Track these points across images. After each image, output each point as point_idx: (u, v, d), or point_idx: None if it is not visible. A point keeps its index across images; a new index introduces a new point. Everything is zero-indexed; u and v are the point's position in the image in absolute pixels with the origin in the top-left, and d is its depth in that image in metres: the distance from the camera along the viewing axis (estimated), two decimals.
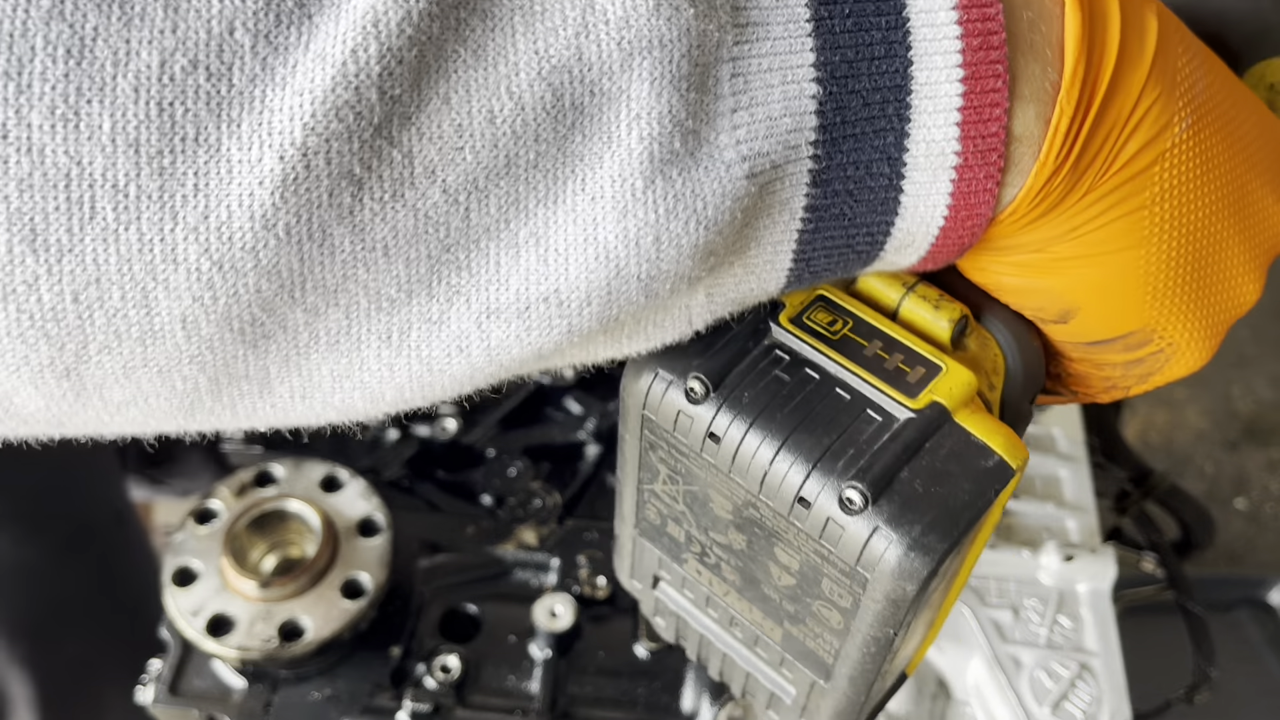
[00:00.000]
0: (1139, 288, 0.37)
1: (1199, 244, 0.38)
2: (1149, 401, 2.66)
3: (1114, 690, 0.65)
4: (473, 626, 0.76)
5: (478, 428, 0.87)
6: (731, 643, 0.46)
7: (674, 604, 0.47)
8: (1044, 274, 0.37)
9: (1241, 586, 1.89)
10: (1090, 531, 0.73)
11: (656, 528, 0.45)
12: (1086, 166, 0.34)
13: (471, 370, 0.34)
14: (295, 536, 0.75)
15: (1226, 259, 0.39)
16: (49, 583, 0.98)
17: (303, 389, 0.33)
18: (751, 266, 0.34)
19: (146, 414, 0.33)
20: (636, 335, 0.35)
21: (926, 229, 0.34)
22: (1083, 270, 0.37)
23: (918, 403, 0.36)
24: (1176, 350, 0.40)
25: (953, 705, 0.67)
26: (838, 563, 0.36)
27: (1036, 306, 0.39)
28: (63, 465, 0.97)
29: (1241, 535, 2.39)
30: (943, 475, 0.35)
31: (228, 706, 0.71)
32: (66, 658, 1.03)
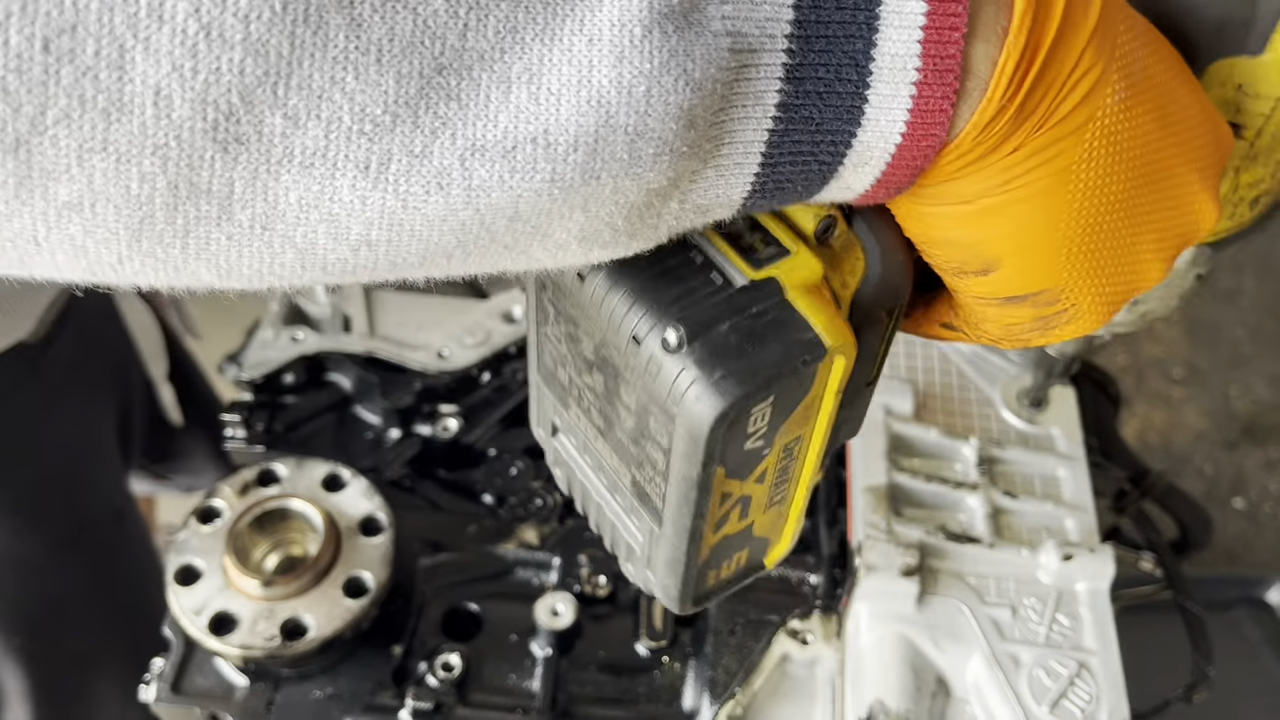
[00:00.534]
0: (1056, 247, 0.40)
1: (1116, 214, 0.40)
2: (1147, 401, 2.66)
3: (1112, 689, 0.66)
4: (474, 625, 0.76)
5: (479, 427, 0.87)
6: (601, 490, 0.49)
7: (565, 452, 0.51)
8: (973, 226, 0.40)
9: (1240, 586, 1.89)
10: (1089, 531, 0.73)
11: (551, 372, 0.48)
12: (1026, 117, 0.36)
13: (447, 212, 0.33)
14: (298, 535, 0.75)
15: (1139, 236, 0.41)
16: (47, 578, 0.98)
17: (265, 217, 0.32)
18: (722, 169, 0.35)
19: (88, 230, 0.31)
20: (614, 241, 0.36)
21: (885, 144, 0.36)
22: (1008, 225, 0.39)
23: (757, 274, 0.39)
24: (1079, 313, 0.43)
25: (952, 703, 0.67)
26: (658, 399, 0.39)
27: (961, 260, 0.41)
28: (63, 461, 0.97)
29: (1240, 535, 2.39)
30: (758, 336, 0.38)
31: (230, 705, 0.71)
32: (63, 652, 1.03)
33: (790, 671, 0.73)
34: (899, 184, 0.38)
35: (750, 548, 0.48)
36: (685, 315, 0.38)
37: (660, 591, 0.48)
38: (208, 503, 0.75)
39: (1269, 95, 0.46)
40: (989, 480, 0.75)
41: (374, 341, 0.90)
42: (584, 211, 0.34)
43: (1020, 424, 0.79)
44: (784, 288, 0.39)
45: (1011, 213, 0.39)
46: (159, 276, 0.33)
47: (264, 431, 0.87)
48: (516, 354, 0.92)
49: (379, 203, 0.32)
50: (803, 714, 0.71)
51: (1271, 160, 0.49)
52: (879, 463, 0.74)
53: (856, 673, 0.68)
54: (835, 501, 0.80)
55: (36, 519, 0.94)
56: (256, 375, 0.87)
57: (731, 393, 0.37)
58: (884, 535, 0.70)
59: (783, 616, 0.74)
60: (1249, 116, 0.47)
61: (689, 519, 0.42)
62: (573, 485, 0.53)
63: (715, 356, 0.38)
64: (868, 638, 0.68)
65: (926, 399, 0.80)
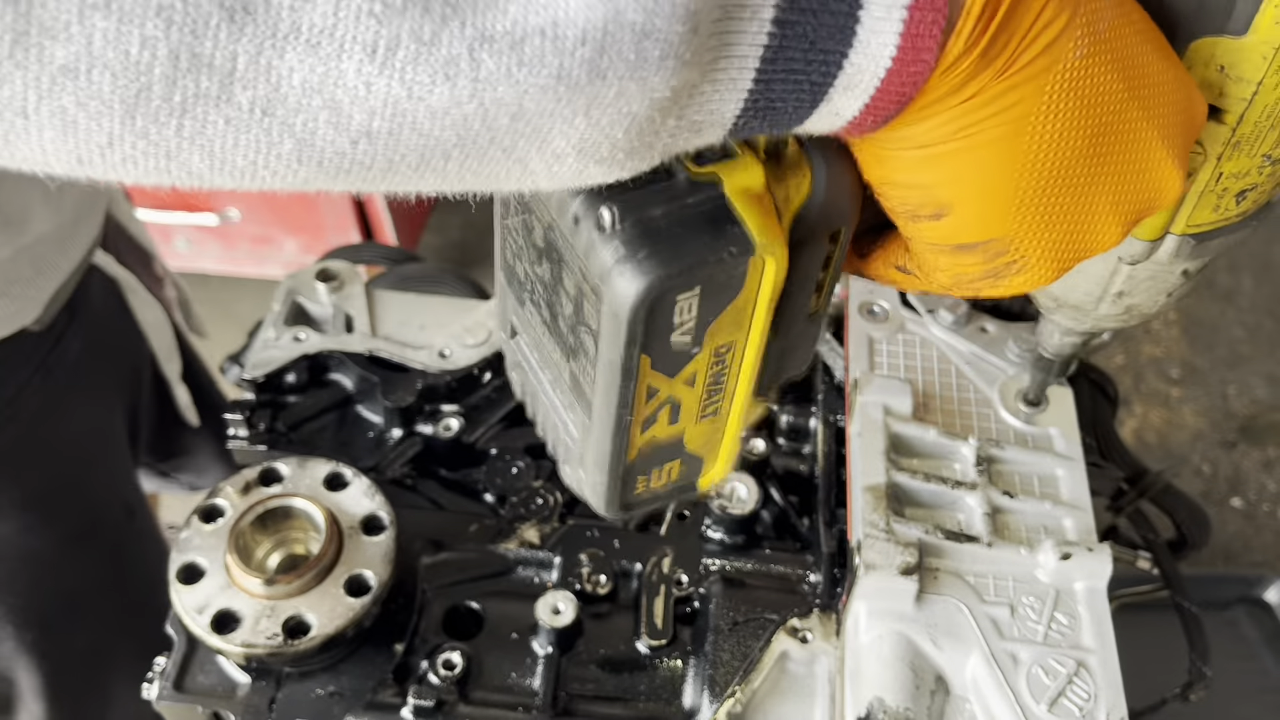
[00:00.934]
0: (1008, 195, 0.41)
1: (1071, 168, 0.41)
2: (1145, 401, 2.67)
3: (1110, 687, 0.66)
4: (475, 623, 0.76)
5: (480, 427, 0.88)
6: (548, 388, 0.50)
7: (519, 353, 0.52)
8: (928, 170, 0.41)
9: (1238, 585, 1.90)
10: (1087, 530, 0.73)
11: (510, 268, 0.50)
12: (990, 61, 0.37)
13: (452, 104, 0.32)
14: (300, 534, 0.76)
15: (1094, 193, 0.42)
16: (58, 573, 0.98)
17: (266, 100, 0.31)
18: (718, 82, 0.36)
19: (82, 101, 0.29)
20: (611, 158, 0.36)
21: (875, 67, 0.36)
22: (962, 171, 0.40)
23: (699, 171, 0.40)
24: (1027, 265, 0.43)
25: (951, 701, 0.67)
26: (590, 281, 0.40)
27: (916, 203, 0.42)
28: (73, 457, 0.97)
29: (1238, 534, 2.40)
30: (689, 225, 0.40)
31: (233, 703, 0.71)
32: (75, 648, 1.03)
33: (790, 669, 0.73)
34: (885, 113, 0.38)
35: (683, 461, 0.49)
36: (623, 199, 0.39)
37: (590, 491, 0.49)
38: (210, 501, 0.75)
39: (1251, 79, 0.45)
40: (987, 480, 0.75)
41: (376, 341, 0.91)
42: (586, 117, 0.34)
43: (1019, 424, 0.80)
44: (724, 186, 0.41)
45: (967, 159, 0.40)
46: (147, 164, 0.32)
47: (266, 431, 0.87)
48: None
49: (384, 90, 0.31)
50: (802, 712, 0.71)
51: (1257, 153, 0.48)
52: (878, 462, 0.74)
53: (856, 671, 0.68)
54: (835, 501, 0.80)
55: (48, 515, 0.94)
56: (258, 375, 0.88)
57: (653, 272, 0.38)
58: (883, 534, 0.70)
59: (782, 615, 0.75)
60: (1230, 100, 0.46)
61: (614, 407, 0.43)
62: (525, 388, 0.54)
63: (643, 238, 0.39)
64: (867, 636, 0.69)
65: (925, 399, 0.81)
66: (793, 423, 0.87)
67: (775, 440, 0.87)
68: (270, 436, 0.87)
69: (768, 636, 0.73)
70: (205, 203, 2.09)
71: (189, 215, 2.10)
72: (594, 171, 0.37)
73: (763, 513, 0.82)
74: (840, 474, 0.81)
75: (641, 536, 0.81)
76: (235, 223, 2.13)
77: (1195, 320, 2.88)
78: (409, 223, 2.30)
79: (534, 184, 0.37)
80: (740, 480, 0.80)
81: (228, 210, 2.11)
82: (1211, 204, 0.51)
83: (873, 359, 0.83)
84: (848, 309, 0.87)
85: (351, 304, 0.94)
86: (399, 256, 1.12)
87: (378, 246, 1.51)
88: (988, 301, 0.90)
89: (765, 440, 0.84)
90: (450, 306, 0.96)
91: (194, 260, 2.23)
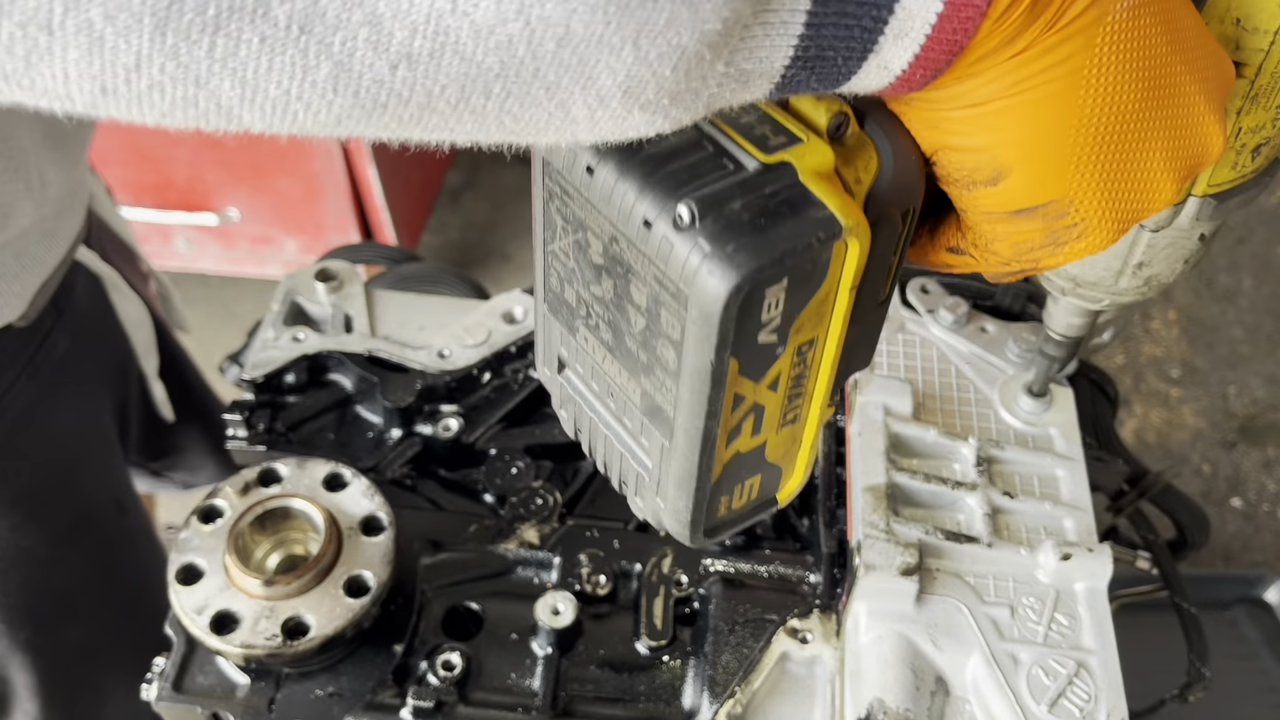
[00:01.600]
0: (1067, 153, 0.41)
1: (1126, 124, 0.41)
2: (1145, 401, 2.67)
3: (1111, 688, 0.66)
4: (475, 624, 0.76)
5: (480, 427, 0.87)
6: (609, 419, 0.49)
7: (571, 387, 0.51)
8: (984, 130, 0.40)
9: (1238, 585, 1.90)
10: (1087, 531, 0.73)
11: (558, 296, 0.48)
12: (1039, 13, 0.37)
13: (497, 21, 0.30)
14: (299, 535, 0.76)
15: (1149, 149, 0.42)
16: (50, 571, 0.98)
17: (305, 15, 0.29)
18: (769, 24, 0.35)
19: (110, 13, 0.28)
20: (657, 102, 0.35)
21: (926, 12, 0.36)
22: (1018, 128, 0.40)
23: (769, 158, 0.39)
24: (1088, 227, 0.43)
25: (951, 702, 0.67)
26: (669, 285, 0.39)
27: (973, 167, 0.42)
28: (61, 454, 0.97)
29: (1238, 534, 2.40)
30: (771, 213, 0.38)
31: (232, 704, 0.71)
32: (69, 645, 1.03)
33: (790, 670, 0.73)
34: (936, 65, 0.38)
35: (763, 475, 0.47)
36: (697, 194, 0.38)
37: (671, 518, 0.47)
38: (209, 502, 0.75)
39: (1267, 29, 0.45)
40: (987, 480, 0.75)
41: (375, 341, 0.91)
42: (635, 47, 0.33)
43: (1019, 424, 0.80)
44: (797, 170, 0.39)
45: (1022, 115, 0.39)
46: (175, 92, 0.30)
47: (265, 431, 0.87)
48: (517, 354, 0.92)
49: (427, 2, 0.30)
50: (802, 713, 0.71)
51: (1272, 105, 0.48)
52: (878, 462, 0.74)
53: (856, 671, 0.68)
54: (835, 501, 0.80)
55: (37, 513, 0.94)
56: (258, 375, 0.88)
57: (745, 265, 0.36)
58: (883, 535, 0.70)
59: (782, 615, 0.75)
60: (1248, 53, 0.46)
61: (702, 419, 0.41)
62: (579, 423, 0.51)
63: (728, 231, 0.37)
64: (867, 637, 0.69)
65: (926, 399, 0.81)
66: None
67: None
68: (269, 437, 0.87)
69: (768, 637, 0.73)
70: (206, 202, 2.09)
71: (189, 215, 2.10)
72: (638, 120, 0.35)
73: None
74: (840, 474, 0.81)
75: (641, 537, 0.81)
76: (235, 223, 2.13)
77: (1195, 320, 2.88)
78: (409, 223, 2.30)
79: (574, 134, 0.36)
80: None
81: (228, 210, 2.11)
82: (1230, 161, 0.51)
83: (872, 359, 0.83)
84: None
85: (351, 304, 0.94)
86: (398, 256, 1.12)
87: (377, 246, 1.50)
88: (987, 301, 0.90)
89: None
90: (450, 307, 0.96)
91: (194, 260, 2.23)
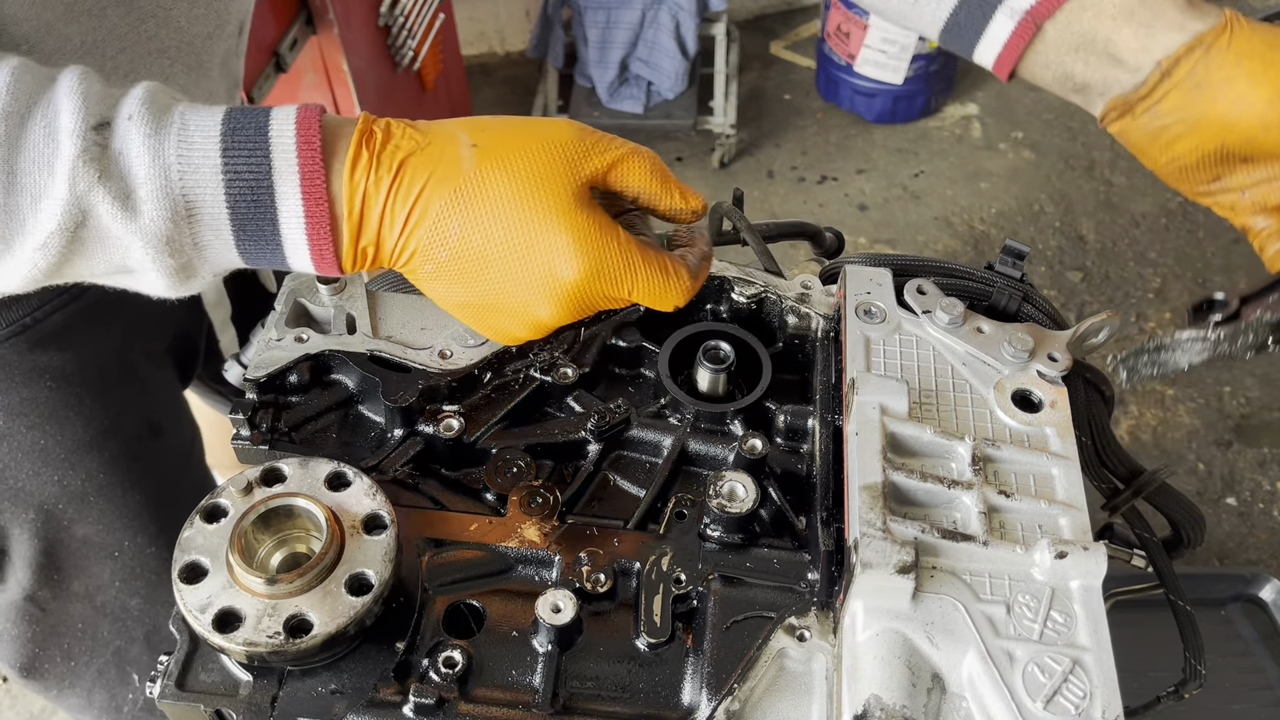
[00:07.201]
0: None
1: None
2: (1140, 401, 2.67)
3: (1106, 685, 0.66)
4: (476, 621, 0.77)
5: (480, 426, 0.88)
6: None
7: None
8: None
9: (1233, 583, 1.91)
10: (1082, 529, 0.74)
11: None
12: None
13: None
14: (302, 533, 0.76)
15: None
16: (64, 470, 1.07)
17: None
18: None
19: None
20: None
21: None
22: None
23: None
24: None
25: (948, 699, 0.68)
26: None
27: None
28: (88, 372, 1.06)
29: (1233, 533, 2.40)
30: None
31: (235, 701, 0.72)
32: (74, 538, 1.12)
33: (787, 667, 0.74)
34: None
35: None
36: None
37: None
38: (213, 501, 0.76)
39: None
40: (983, 479, 0.76)
41: (377, 342, 0.91)
42: None
43: (1014, 423, 0.80)
44: None
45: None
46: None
47: (268, 431, 0.87)
48: (517, 354, 0.92)
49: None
50: (800, 709, 0.72)
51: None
52: (875, 461, 0.75)
53: (853, 668, 0.69)
54: (832, 500, 0.81)
55: (55, 417, 1.05)
56: (261, 375, 0.88)
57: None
58: (880, 533, 0.71)
59: (780, 613, 0.75)
60: None
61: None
62: None
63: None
64: (864, 634, 0.69)
65: (922, 398, 0.81)
66: (790, 422, 0.88)
67: (773, 439, 0.88)
68: (272, 436, 0.87)
69: (766, 634, 0.74)
70: None
71: None
72: None
73: (761, 511, 0.82)
74: (838, 473, 0.82)
75: (641, 535, 0.81)
76: None
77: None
78: None
79: None
80: (739, 479, 0.81)
81: None
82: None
83: (869, 359, 0.84)
84: (844, 310, 0.88)
85: (353, 305, 0.94)
86: None
87: None
88: (984, 302, 0.91)
89: (763, 440, 0.85)
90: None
91: None
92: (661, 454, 0.88)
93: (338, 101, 2.35)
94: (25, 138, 0.65)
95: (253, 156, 0.67)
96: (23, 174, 0.65)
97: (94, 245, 0.68)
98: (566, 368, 0.91)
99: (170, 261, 0.69)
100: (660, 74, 3.33)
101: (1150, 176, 0.88)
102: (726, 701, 0.71)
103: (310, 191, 0.67)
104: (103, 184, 0.65)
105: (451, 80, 2.99)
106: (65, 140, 0.64)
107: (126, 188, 0.66)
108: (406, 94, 2.69)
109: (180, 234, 0.68)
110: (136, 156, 0.66)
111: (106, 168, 0.65)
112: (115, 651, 1.22)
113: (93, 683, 1.24)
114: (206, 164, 0.67)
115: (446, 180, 0.69)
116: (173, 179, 0.66)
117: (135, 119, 0.66)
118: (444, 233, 0.69)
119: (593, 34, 3.31)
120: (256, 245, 0.70)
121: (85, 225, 0.66)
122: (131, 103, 0.67)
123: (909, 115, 3.52)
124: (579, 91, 3.47)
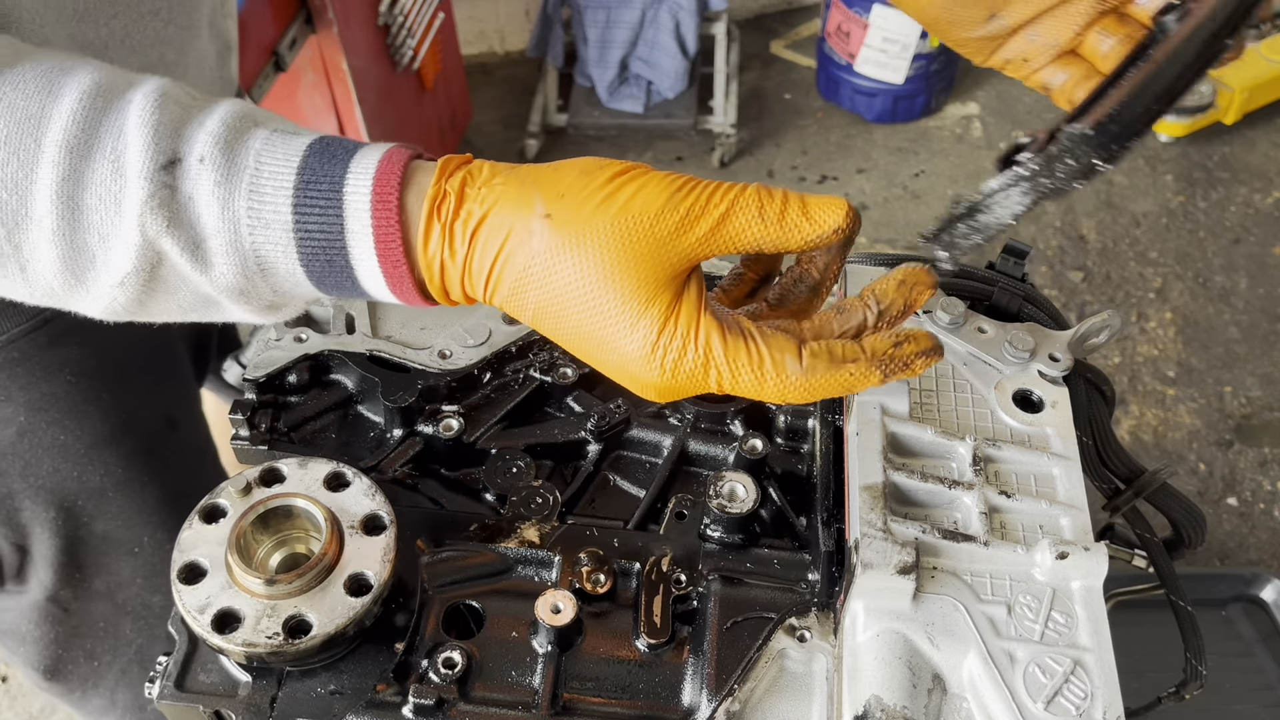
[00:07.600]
0: None
1: None
2: (1141, 401, 2.67)
3: (1107, 686, 0.66)
4: (476, 622, 0.77)
5: (480, 427, 0.88)
6: None
7: None
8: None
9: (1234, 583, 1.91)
10: (1083, 529, 0.74)
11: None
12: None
13: None
14: (301, 534, 0.76)
15: None
16: (83, 466, 1.06)
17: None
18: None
19: None
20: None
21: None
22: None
23: None
24: None
25: (948, 700, 0.68)
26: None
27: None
28: (107, 368, 1.05)
29: (1234, 533, 2.40)
30: None
31: (234, 702, 0.72)
32: (94, 534, 1.11)
33: (788, 668, 0.74)
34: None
35: None
36: None
37: None
38: (211, 501, 0.76)
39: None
40: (984, 479, 0.75)
41: (377, 342, 0.91)
42: None
43: (1015, 424, 0.80)
44: None
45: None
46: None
47: (267, 431, 0.87)
48: (517, 354, 0.92)
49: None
50: (800, 710, 0.72)
51: None
52: (875, 461, 0.75)
53: (853, 669, 0.69)
54: (832, 500, 0.80)
55: (76, 411, 1.04)
56: (260, 375, 0.88)
57: None
58: (880, 533, 0.70)
59: (780, 613, 0.75)
60: None
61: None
62: None
63: None
64: (864, 634, 0.69)
65: (923, 398, 0.81)
66: (791, 423, 0.88)
67: (774, 440, 0.88)
68: (271, 437, 0.87)
69: (766, 635, 0.74)
70: None
71: None
72: None
73: (761, 512, 0.82)
74: (838, 473, 0.81)
75: (641, 535, 0.81)
76: None
77: (1191, 321, 2.89)
78: None
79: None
80: (739, 480, 0.81)
81: None
82: None
83: None
84: None
85: (353, 304, 0.94)
86: None
87: None
88: (985, 301, 0.90)
89: (764, 440, 0.85)
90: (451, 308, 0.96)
91: None
92: (661, 454, 0.88)
93: (337, 101, 2.36)
94: (90, 173, 0.62)
95: (324, 216, 0.63)
96: (89, 211, 0.62)
97: (175, 283, 0.66)
98: (566, 368, 0.91)
99: (251, 304, 0.68)
100: (660, 73, 3.34)
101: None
102: (727, 702, 0.71)
103: (386, 256, 0.64)
104: (171, 232, 0.62)
105: (451, 80, 2.99)
106: (133, 181, 0.61)
107: (197, 237, 0.63)
108: (406, 93, 2.69)
109: (254, 285, 0.66)
110: (205, 207, 0.63)
111: (175, 214, 0.62)
112: (138, 650, 1.22)
113: (116, 682, 1.23)
114: (277, 220, 0.63)
115: (515, 255, 0.64)
116: (243, 234, 0.63)
117: (207, 161, 0.62)
118: (523, 302, 0.65)
119: (592, 33, 3.32)
120: (340, 292, 0.68)
121: (162, 265, 0.64)
122: (205, 141, 0.63)
123: (909, 115, 3.52)
124: (579, 91, 3.47)
